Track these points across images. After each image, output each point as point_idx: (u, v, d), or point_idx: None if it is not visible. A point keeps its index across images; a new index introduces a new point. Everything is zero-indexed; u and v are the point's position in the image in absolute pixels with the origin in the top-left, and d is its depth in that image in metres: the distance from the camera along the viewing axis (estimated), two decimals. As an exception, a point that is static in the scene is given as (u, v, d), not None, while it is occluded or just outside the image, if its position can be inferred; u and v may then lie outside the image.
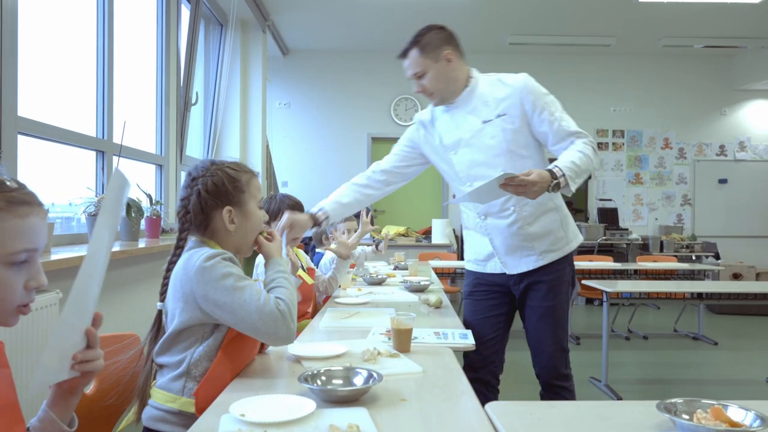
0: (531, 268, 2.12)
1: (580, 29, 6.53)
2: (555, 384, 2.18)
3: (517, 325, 2.24)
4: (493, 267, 2.22)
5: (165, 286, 1.37)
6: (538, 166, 2.01)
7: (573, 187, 1.88)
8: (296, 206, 2.53)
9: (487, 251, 2.21)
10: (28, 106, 2.55)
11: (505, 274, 2.18)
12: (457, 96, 2.12)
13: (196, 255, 1.33)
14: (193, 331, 1.34)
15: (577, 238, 2.23)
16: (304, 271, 2.48)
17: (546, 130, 2.04)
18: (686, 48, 7.08)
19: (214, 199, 1.41)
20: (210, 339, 1.34)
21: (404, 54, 2.12)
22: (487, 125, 2.07)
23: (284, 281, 1.43)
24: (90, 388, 1.34)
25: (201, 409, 1.18)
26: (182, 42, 4.47)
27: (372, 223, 3.52)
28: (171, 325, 1.35)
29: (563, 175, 1.85)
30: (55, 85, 3.11)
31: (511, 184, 1.79)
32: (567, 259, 2.17)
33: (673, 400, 1.05)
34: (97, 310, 0.99)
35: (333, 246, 2.74)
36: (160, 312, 1.37)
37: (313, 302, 2.67)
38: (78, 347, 0.95)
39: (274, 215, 2.52)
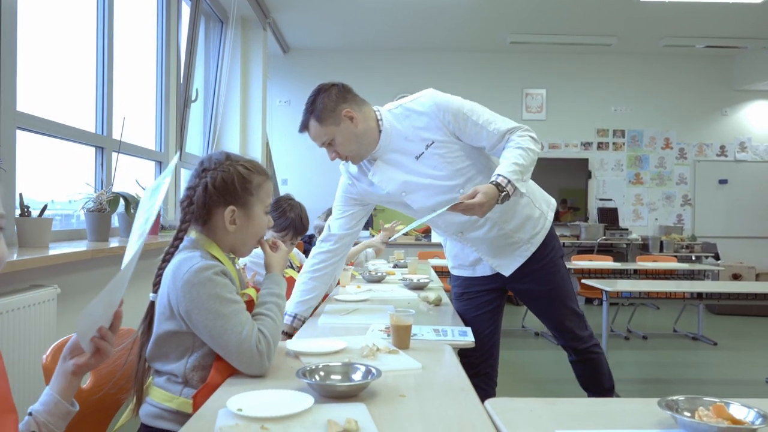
0: (526, 258, 2.11)
1: (581, 28, 6.52)
2: (580, 348, 2.21)
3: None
4: (483, 270, 2.20)
5: (159, 277, 1.33)
6: (486, 167, 2.01)
7: (523, 189, 1.84)
8: (304, 232, 2.55)
9: (473, 257, 2.19)
10: (27, 102, 2.54)
11: (496, 274, 2.17)
12: (376, 145, 1.99)
13: (186, 264, 1.28)
14: (183, 339, 1.31)
15: (550, 205, 2.21)
16: (295, 270, 2.49)
17: (477, 141, 1.98)
18: (687, 48, 7.07)
19: (220, 195, 1.36)
20: (204, 348, 1.31)
21: (304, 127, 1.96)
22: (422, 158, 1.99)
23: (274, 309, 1.38)
24: (86, 383, 1.33)
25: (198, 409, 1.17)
26: (182, 39, 4.46)
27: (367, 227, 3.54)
28: (158, 324, 1.32)
29: (509, 182, 1.78)
30: (55, 81, 3.10)
31: (458, 209, 1.76)
32: (551, 234, 2.17)
33: (674, 398, 1.04)
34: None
35: None
36: (152, 303, 1.34)
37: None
38: (106, 323, 1.05)
39: (280, 228, 2.50)
